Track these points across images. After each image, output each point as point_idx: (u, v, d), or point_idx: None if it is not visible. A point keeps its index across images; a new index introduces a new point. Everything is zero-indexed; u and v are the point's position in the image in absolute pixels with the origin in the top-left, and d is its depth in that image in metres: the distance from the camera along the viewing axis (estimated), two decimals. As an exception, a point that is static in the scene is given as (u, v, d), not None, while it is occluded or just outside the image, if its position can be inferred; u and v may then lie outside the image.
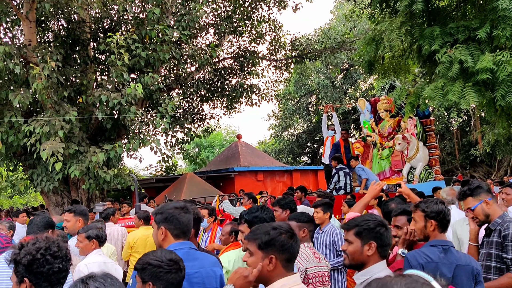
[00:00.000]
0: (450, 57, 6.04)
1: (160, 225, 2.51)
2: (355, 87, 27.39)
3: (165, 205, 2.63)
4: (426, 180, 9.85)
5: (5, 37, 11.64)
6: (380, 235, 2.37)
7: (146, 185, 16.72)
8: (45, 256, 1.94)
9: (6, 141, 9.95)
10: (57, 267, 1.96)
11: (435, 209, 2.81)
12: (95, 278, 1.55)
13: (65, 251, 2.03)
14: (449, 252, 2.73)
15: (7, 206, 20.43)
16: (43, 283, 1.94)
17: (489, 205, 3.08)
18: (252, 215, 3.21)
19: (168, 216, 2.51)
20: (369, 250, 2.35)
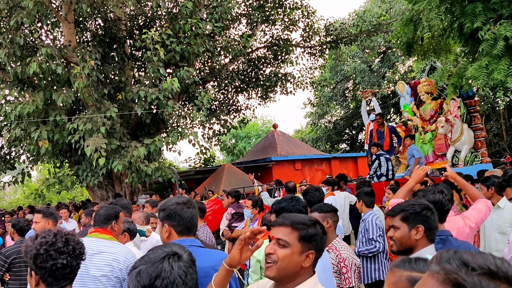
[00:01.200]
0: (494, 34, 5.76)
1: (164, 222, 2.41)
2: (394, 70, 26.69)
3: (167, 201, 2.50)
4: (472, 163, 9.50)
5: (47, 39, 12.07)
6: (427, 218, 2.36)
7: (186, 177, 17.00)
8: (49, 251, 1.91)
9: (52, 139, 10.37)
10: (61, 263, 1.92)
11: (431, 199, 2.73)
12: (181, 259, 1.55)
13: (72, 247, 1.97)
14: (447, 242, 2.66)
15: (56, 201, 21.35)
16: (48, 278, 1.92)
17: None
18: (279, 206, 3.14)
19: (170, 212, 2.40)
20: (417, 234, 2.34)
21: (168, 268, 1.46)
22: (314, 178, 18.35)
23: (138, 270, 1.46)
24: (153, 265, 1.46)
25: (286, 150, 19.18)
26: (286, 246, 1.81)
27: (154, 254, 1.51)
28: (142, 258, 1.52)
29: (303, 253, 1.82)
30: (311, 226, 1.86)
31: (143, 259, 1.50)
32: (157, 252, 1.52)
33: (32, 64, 9.32)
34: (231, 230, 6.97)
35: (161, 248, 1.55)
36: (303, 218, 1.91)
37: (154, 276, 1.43)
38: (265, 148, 20.04)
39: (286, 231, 1.84)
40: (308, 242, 1.83)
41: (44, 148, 9.92)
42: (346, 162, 20.20)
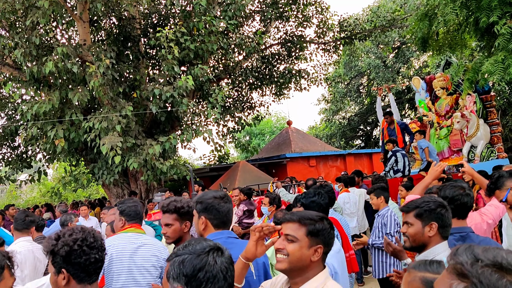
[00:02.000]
0: (510, 28, 5.68)
1: (200, 215, 2.51)
2: (408, 66, 26.43)
3: (204, 194, 2.61)
4: (488, 158, 9.39)
5: (62, 39, 12.23)
6: (441, 215, 2.37)
7: (201, 175, 17.10)
8: (82, 247, 1.95)
9: (68, 138, 10.51)
10: (94, 258, 1.97)
11: (449, 194, 2.71)
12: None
13: (100, 242, 2.04)
14: (468, 239, 2.63)
15: (72, 199, 21.64)
16: (81, 274, 1.95)
17: None
18: (310, 199, 3.16)
19: (207, 206, 2.50)
20: (431, 231, 2.35)
21: (212, 262, 1.48)
22: (328, 174, 18.30)
23: (182, 259, 1.47)
24: (198, 257, 1.47)
25: (300, 147, 19.16)
26: (295, 241, 1.87)
27: (199, 245, 1.53)
28: (185, 246, 1.54)
29: (311, 247, 1.87)
30: (318, 222, 1.91)
31: (187, 248, 1.52)
32: (201, 244, 1.54)
33: (48, 63, 9.42)
34: (241, 226, 7.05)
35: (204, 241, 1.57)
36: (311, 214, 1.96)
37: (198, 268, 1.45)
38: (280, 145, 20.03)
39: (294, 226, 1.90)
40: (316, 237, 1.88)
41: (60, 146, 10.05)
42: (361, 158, 20.09)
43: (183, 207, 2.84)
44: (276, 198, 5.84)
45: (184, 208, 2.84)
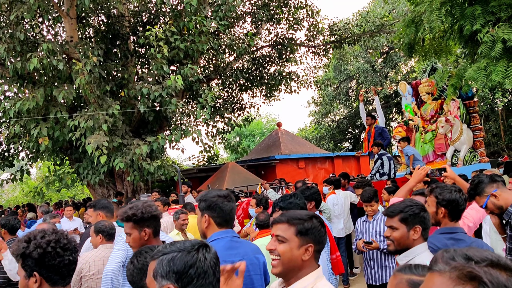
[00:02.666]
0: (493, 36, 5.78)
1: (204, 213, 2.53)
2: (396, 71, 26.68)
3: (208, 192, 2.62)
4: (471, 163, 9.52)
5: (48, 35, 12.08)
6: (424, 219, 2.45)
7: (189, 175, 17.05)
8: (56, 249, 1.91)
9: (52, 136, 10.34)
10: (68, 259, 1.94)
11: (447, 197, 2.76)
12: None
13: (73, 243, 2.01)
14: (460, 240, 2.68)
15: (56, 199, 21.41)
16: (55, 276, 1.91)
17: (497, 197, 2.90)
18: (287, 201, 3.17)
19: (211, 204, 2.52)
20: (415, 234, 2.43)
21: (202, 258, 1.47)
22: (317, 176, 18.37)
23: (172, 257, 1.45)
24: (188, 254, 1.46)
25: (290, 149, 19.20)
26: (285, 242, 1.89)
27: (184, 244, 1.51)
28: (169, 245, 1.52)
29: (301, 247, 1.88)
30: (307, 221, 1.92)
31: (175, 246, 1.50)
32: (186, 243, 1.52)
33: (32, 60, 9.26)
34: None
35: (189, 241, 1.56)
36: (300, 213, 1.98)
37: (189, 264, 1.44)
38: (269, 147, 20.06)
39: (283, 227, 1.92)
40: (305, 236, 1.89)
41: (44, 145, 9.88)
42: (348, 161, 20.20)
43: (135, 214, 2.71)
44: (263, 200, 5.83)
45: (137, 215, 2.71)
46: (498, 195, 2.92)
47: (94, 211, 4.54)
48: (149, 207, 2.76)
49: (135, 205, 2.77)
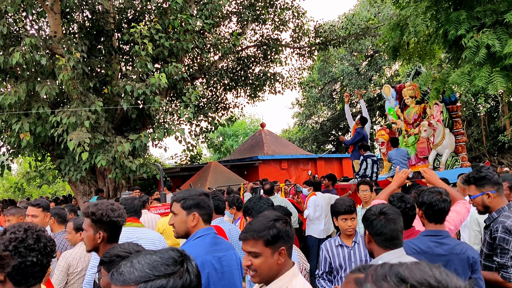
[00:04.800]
0: (477, 42, 5.86)
1: (192, 211, 2.53)
2: (380, 74, 26.96)
3: (190, 190, 2.62)
4: (452, 167, 9.66)
5: (31, 29, 11.88)
6: (370, 223, 2.48)
7: (172, 174, 16.93)
8: (18, 248, 1.81)
9: (34, 132, 10.19)
10: (31, 261, 1.82)
11: (426, 200, 2.78)
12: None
13: (44, 244, 1.88)
14: (443, 242, 2.70)
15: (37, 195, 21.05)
16: (16, 277, 1.80)
17: (491, 198, 2.94)
18: (248, 205, 3.18)
19: (199, 202, 2.55)
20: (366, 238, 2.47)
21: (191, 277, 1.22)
22: (299, 177, 18.41)
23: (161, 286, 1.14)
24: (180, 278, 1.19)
25: (273, 150, 19.21)
26: (258, 256, 1.92)
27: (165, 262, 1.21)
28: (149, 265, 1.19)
29: (274, 253, 1.92)
30: (271, 229, 1.93)
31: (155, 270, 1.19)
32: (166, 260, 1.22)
33: (15, 54, 9.13)
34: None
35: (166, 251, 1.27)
36: (262, 223, 1.96)
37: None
38: (252, 147, 20.04)
39: (251, 243, 1.94)
40: (275, 243, 1.92)
41: (26, 140, 9.76)
42: (331, 163, 20.31)
43: (95, 214, 2.56)
44: (235, 199, 5.75)
45: (96, 215, 2.56)
46: (493, 197, 2.94)
47: (42, 211, 4.33)
48: (113, 211, 2.60)
49: (100, 204, 2.63)
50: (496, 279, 2.85)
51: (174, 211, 2.58)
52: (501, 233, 2.79)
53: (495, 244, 2.84)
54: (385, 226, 2.38)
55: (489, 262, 2.94)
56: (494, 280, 2.87)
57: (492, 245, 2.90)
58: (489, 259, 2.93)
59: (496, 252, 2.85)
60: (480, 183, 2.98)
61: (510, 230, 2.78)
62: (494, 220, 2.92)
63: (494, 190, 2.96)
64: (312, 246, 7.51)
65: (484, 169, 3.03)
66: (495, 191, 2.96)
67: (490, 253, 2.92)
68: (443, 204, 2.78)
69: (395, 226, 2.40)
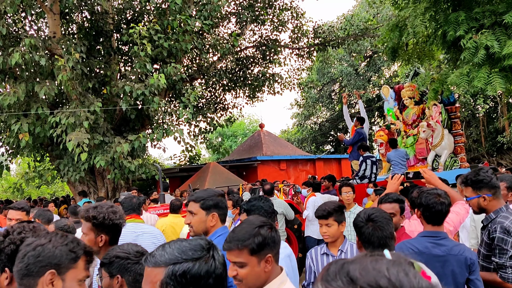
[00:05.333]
0: (476, 43, 5.87)
1: (211, 211, 2.57)
2: (379, 75, 26.97)
3: (208, 191, 2.65)
4: (451, 168, 9.66)
5: (31, 30, 11.89)
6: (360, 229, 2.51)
7: (170, 175, 16.94)
8: None
9: (33, 132, 10.20)
10: None
11: (424, 202, 2.78)
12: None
13: None
14: (441, 243, 2.70)
15: (35, 196, 21.04)
16: None
17: (486, 201, 2.94)
18: (250, 204, 3.14)
19: (218, 202, 2.61)
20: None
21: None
22: (298, 178, 18.42)
23: (187, 268, 1.27)
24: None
25: (271, 150, 19.23)
26: (244, 266, 1.83)
27: (193, 248, 1.33)
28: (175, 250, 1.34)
29: (261, 262, 1.84)
30: (255, 236, 1.85)
31: (183, 254, 1.32)
32: (194, 246, 1.35)
33: (14, 55, 9.15)
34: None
35: (195, 240, 1.38)
36: (246, 231, 1.89)
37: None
38: (251, 148, 20.06)
39: (235, 253, 1.85)
40: (260, 251, 1.84)
41: (25, 141, 9.77)
42: (330, 163, 20.32)
43: (96, 217, 2.54)
44: (239, 200, 5.81)
45: (98, 219, 2.54)
46: (488, 200, 2.94)
47: (26, 215, 4.26)
48: (114, 213, 2.59)
49: (99, 207, 2.60)
50: (494, 280, 2.85)
51: (192, 211, 2.58)
52: (500, 233, 2.80)
53: (494, 244, 2.84)
54: (372, 234, 2.37)
55: (487, 263, 2.95)
56: (492, 280, 2.87)
57: (490, 246, 2.90)
58: (487, 260, 2.93)
59: (494, 252, 2.85)
60: (477, 186, 2.98)
61: (508, 230, 2.78)
62: (492, 221, 2.93)
63: (491, 193, 2.95)
64: (311, 247, 7.50)
65: (482, 172, 3.00)
66: (492, 194, 2.95)
67: (488, 253, 2.92)
68: (441, 206, 2.77)
69: (382, 233, 2.37)
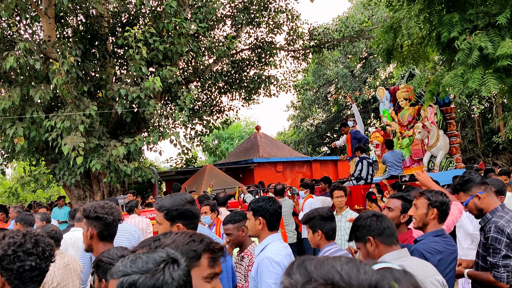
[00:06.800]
0: (470, 44, 5.90)
1: (176, 222, 2.41)
2: (375, 76, 27.06)
3: (174, 199, 2.52)
4: (447, 168, 9.69)
5: (25, 34, 11.86)
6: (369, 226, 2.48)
7: (167, 178, 16.90)
8: (17, 252, 1.83)
9: (28, 136, 10.14)
10: (29, 265, 1.83)
11: (440, 199, 2.83)
12: None
13: (42, 248, 1.90)
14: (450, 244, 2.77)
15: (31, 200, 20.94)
16: (14, 281, 1.82)
17: (481, 200, 2.96)
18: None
19: (184, 211, 2.47)
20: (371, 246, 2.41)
21: (169, 280, 1.23)
22: (295, 180, 18.42)
23: (133, 281, 1.20)
24: (152, 277, 1.21)
25: (268, 152, 19.22)
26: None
27: (147, 261, 1.26)
28: (131, 261, 1.27)
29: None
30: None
31: (135, 265, 1.25)
32: (149, 259, 1.27)
33: (9, 58, 9.09)
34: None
35: (154, 251, 1.32)
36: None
37: None
38: (247, 150, 20.05)
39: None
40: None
41: (20, 145, 9.71)
42: (326, 165, 20.33)
43: (85, 209, 2.63)
44: (216, 205, 5.65)
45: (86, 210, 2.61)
46: (483, 197, 2.97)
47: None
48: (102, 208, 2.62)
49: (94, 202, 2.70)
50: (489, 279, 2.88)
51: (157, 221, 2.47)
52: (494, 233, 2.83)
53: (488, 244, 2.87)
54: (383, 222, 2.39)
55: (484, 263, 2.97)
56: (487, 280, 2.90)
57: (486, 245, 2.92)
58: (485, 260, 2.95)
59: (489, 252, 2.88)
60: (466, 187, 3.02)
61: (502, 230, 2.81)
62: (488, 221, 2.95)
63: (482, 190, 2.99)
64: (308, 249, 7.53)
65: (466, 174, 3.08)
66: (483, 191, 2.99)
67: (485, 254, 2.95)
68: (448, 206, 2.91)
69: (390, 221, 2.43)
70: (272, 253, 2.64)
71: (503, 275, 2.79)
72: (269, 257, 2.58)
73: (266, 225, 2.85)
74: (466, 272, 3.08)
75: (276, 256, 2.60)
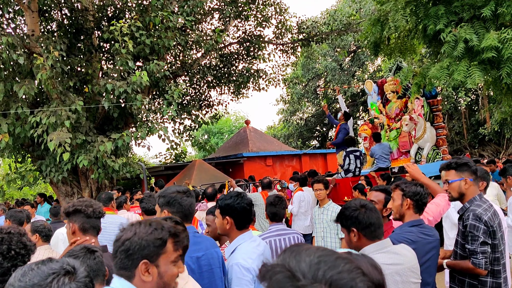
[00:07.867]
0: (455, 36, 5.92)
1: (163, 209, 2.52)
2: (363, 69, 27.14)
3: (167, 188, 2.61)
4: (433, 160, 9.76)
5: (8, 28, 11.64)
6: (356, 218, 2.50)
7: (156, 173, 16.82)
8: None
9: (13, 133, 9.98)
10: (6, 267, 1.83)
11: (413, 190, 2.89)
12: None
13: (7, 247, 1.87)
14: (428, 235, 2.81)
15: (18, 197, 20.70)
16: None
17: (467, 185, 3.05)
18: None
19: (170, 200, 2.51)
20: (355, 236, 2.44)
21: None
22: (284, 174, 18.46)
23: None
24: None
25: (257, 146, 19.22)
26: None
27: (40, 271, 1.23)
28: (23, 276, 1.24)
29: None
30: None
31: (27, 277, 1.23)
32: (43, 269, 1.25)
33: (-9, 53, 8.97)
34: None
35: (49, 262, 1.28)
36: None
37: None
38: (237, 144, 20.02)
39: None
40: None
41: (4, 142, 9.56)
42: (316, 159, 20.39)
43: (65, 208, 2.66)
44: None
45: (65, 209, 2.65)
46: (469, 184, 3.07)
47: None
48: (80, 201, 2.66)
49: (76, 201, 2.73)
50: (467, 267, 2.95)
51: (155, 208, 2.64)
52: (472, 220, 2.91)
53: (466, 231, 2.95)
54: (371, 216, 2.38)
55: (463, 251, 3.03)
56: (466, 267, 2.97)
57: (464, 233, 2.99)
58: (463, 249, 3.03)
59: (467, 239, 2.95)
60: (461, 169, 3.10)
61: (480, 217, 2.89)
62: (466, 210, 3.04)
63: (472, 178, 3.08)
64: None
65: (465, 158, 3.17)
66: (473, 179, 3.08)
67: (464, 242, 3.02)
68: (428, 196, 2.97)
69: (378, 215, 2.42)
70: (242, 258, 2.52)
71: (481, 261, 2.86)
72: (238, 263, 2.48)
73: (234, 225, 2.72)
74: (444, 262, 3.12)
75: (245, 261, 2.50)
